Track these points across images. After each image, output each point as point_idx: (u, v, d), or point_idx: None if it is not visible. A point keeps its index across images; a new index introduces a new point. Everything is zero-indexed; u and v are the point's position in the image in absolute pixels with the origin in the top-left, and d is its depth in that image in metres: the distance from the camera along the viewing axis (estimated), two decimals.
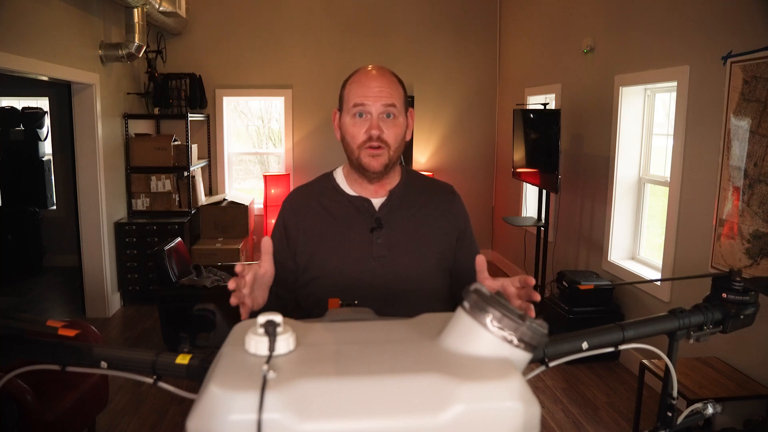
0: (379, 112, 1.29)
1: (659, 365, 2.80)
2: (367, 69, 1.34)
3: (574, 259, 4.59)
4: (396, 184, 1.40)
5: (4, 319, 0.87)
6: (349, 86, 1.34)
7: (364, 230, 1.34)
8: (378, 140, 1.29)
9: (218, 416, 0.58)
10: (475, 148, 6.35)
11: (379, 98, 1.29)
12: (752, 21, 2.73)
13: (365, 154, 1.31)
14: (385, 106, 1.29)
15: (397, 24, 6.07)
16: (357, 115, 1.31)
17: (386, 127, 1.30)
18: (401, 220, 1.36)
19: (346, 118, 1.33)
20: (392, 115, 1.31)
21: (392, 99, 1.30)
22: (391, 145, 1.31)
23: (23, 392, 2.20)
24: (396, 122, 1.32)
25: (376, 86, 1.29)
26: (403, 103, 1.34)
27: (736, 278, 1.08)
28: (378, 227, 1.34)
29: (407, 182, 1.42)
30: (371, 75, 1.32)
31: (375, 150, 1.30)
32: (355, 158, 1.33)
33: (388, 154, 1.31)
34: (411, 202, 1.39)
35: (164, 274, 3.74)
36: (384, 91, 1.29)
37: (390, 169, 1.35)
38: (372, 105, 1.29)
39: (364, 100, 1.29)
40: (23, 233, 5.86)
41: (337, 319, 0.87)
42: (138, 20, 4.58)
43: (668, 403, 1.06)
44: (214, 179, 6.17)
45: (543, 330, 0.68)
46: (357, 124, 1.31)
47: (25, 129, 6.00)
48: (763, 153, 2.66)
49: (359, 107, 1.30)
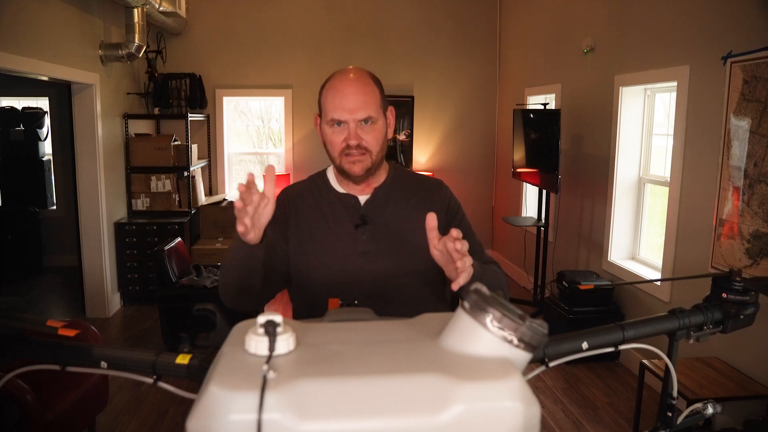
0: (356, 123, 1.30)
1: (659, 365, 2.80)
2: (342, 77, 1.33)
3: (574, 259, 4.59)
4: (382, 182, 1.42)
5: (4, 319, 0.87)
6: (324, 95, 1.33)
7: (350, 227, 1.37)
8: (357, 148, 1.30)
9: (218, 416, 0.58)
10: (475, 148, 6.35)
11: (355, 112, 1.29)
12: (752, 21, 2.73)
13: (346, 161, 1.32)
14: (362, 120, 1.30)
15: (397, 24, 6.07)
16: (335, 124, 1.31)
17: (365, 134, 1.31)
18: (386, 216, 1.38)
19: (325, 127, 1.34)
20: (370, 121, 1.31)
21: (368, 111, 1.30)
22: (372, 149, 1.32)
23: (23, 392, 2.20)
24: (375, 127, 1.32)
25: (352, 99, 1.29)
26: (381, 107, 1.34)
27: (736, 278, 1.08)
28: (363, 224, 1.36)
29: (394, 179, 1.44)
30: (347, 84, 1.31)
31: (355, 157, 1.31)
32: (337, 164, 1.36)
33: (370, 158, 1.33)
34: (397, 198, 1.41)
35: (164, 274, 3.74)
36: (359, 104, 1.29)
37: (374, 170, 1.37)
38: (349, 118, 1.29)
39: (340, 116, 1.29)
40: (23, 233, 5.86)
41: (336, 319, 0.87)
42: (138, 20, 4.58)
43: (668, 403, 1.07)
44: (214, 179, 6.17)
45: (543, 330, 0.68)
46: (335, 133, 1.32)
47: (25, 129, 6.00)
48: (763, 153, 2.66)
49: (336, 121, 1.31)
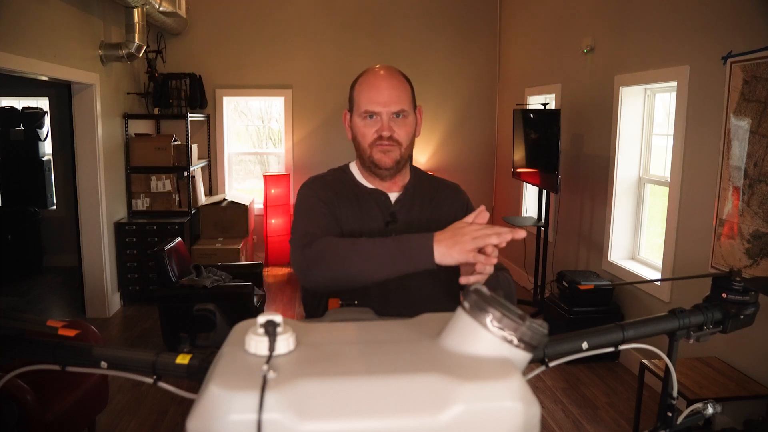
0: (389, 116, 1.33)
1: (659, 365, 2.80)
2: (375, 72, 1.36)
3: (574, 259, 4.59)
4: (408, 181, 1.44)
5: (4, 319, 0.87)
6: (358, 89, 1.36)
7: (380, 223, 1.37)
8: (389, 139, 1.33)
9: (218, 416, 0.58)
10: (475, 148, 6.35)
11: (389, 105, 1.32)
12: (752, 21, 2.73)
13: (376, 150, 1.34)
14: (395, 113, 1.33)
15: (397, 24, 6.07)
16: (368, 117, 1.34)
17: (397, 127, 1.34)
18: (413, 215, 1.40)
19: (356, 120, 1.36)
20: (402, 114, 1.34)
21: (402, 105, 1.33)
22: (402, 143, 1.35)
23: (23, 392, 2.20)
24: (406, 121, 1.35)
25: (386, 93, 1.32)
26: (412, 103, 1.37)
27: (736, 278, 1.08)
28: (393, 221, 1.38)
29: (417, 180, 1.46)
30: (380, 79, 1.34)
31: (386, 146, 1.33)
32: (367, 156, 1.36)
33: (399, 151, 1.35)
34: (422, 198, 1.43)
35: (164, 274, 3.74)
36: (393, 98, 1.32)
37: (402, 166, 1.38)
38: (383, 111, 1.32)
39: (374, 108, 1.32)
40: (23, 233, 5.86)
41: (337, 319, 0.87)
42: (138, 20, 4.58)
43: (668, 403, 1.06)
44: (214, 179, 6.17)
45: (543, 330, 0.68)
46: (368, 125, 1.34)
47: (25, 129, 6.01)
48: (763, 153, 2.66)
49: (370, 113, 1.33)
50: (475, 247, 1.01)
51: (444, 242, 1.04)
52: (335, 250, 1.15)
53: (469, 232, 1.02)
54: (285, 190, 6.00)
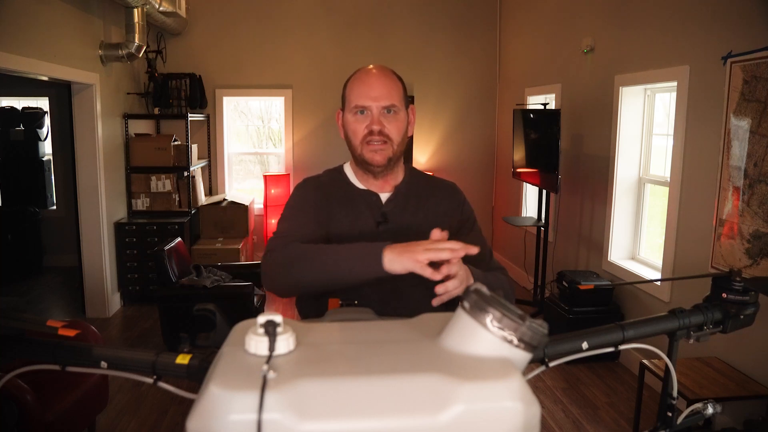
0: (379, 110, 1.33)
1: (659, 365, 2.80)
2: (367, 69, 1.37)
3: (574, 259, 4.59)
4: (401, 181, 1.44)
5: (4, 319, 0.87)
6: (350, 87, 1.37)
7: (371, 223, 1.37)
8: (380, 134, 1.33)
9: (218, 416, 0.58)
10: (475, 148, 6.35)
11: (379, 99, 1.32)
12: (752, 21, 2.73)
13: (367, 149, 1.34)
14: (385, 107, 1.33)
15: (397, 24, 6.07)
16: (358, 112, 1.34)
17: (387, 122, 1.34)
18: (406, 215, 1.39)
19: (348, 116, 1.37)
20: (393, 110, 1.34)
21: (392, 100, 1.33)
22: (393, 139, 1.34)
23: (23, 392, 2.20)
24: (397, 117, 1.35)
25: (376, 88, 1.33)
26: (403, 100, 1.37)
27: (736, 278, 1.08)
28: (383, 221, 1.37)
29: (411, 179, 1.46)
30: (371, 75, 1.35)
31: (377, 145, 1.33)
32: (358, 154, 1.37)
33: (391, 148, 1.35)
34: (415, 198, 1.42)
35: (164, 274, 3.74)
36: (383, 93, 1.33)
37: (394, 164, 1.38)
38: (372, 105, 1.32)
39: (364, 102, 1.33)
40: (23, 233, 5.86)
41: (336, 319, 0.87)
42: (138, 20, 4.58)
43: (668, 403, 1.07)
44: (214, 179, 6.17)
45: (543, 330, 0.68)
46: (358, 121, 1.35)
47: (25, 129, 6.01)
48: (763, 153, 2.66)
49: (360, 108, 1.34)
50: (427, 258, 1.04)
51: (395, 250, 1.08)
52: (291, 259, 1.20)
53: (423, 244, 1.06)
54: (285, 190, 6.00)
